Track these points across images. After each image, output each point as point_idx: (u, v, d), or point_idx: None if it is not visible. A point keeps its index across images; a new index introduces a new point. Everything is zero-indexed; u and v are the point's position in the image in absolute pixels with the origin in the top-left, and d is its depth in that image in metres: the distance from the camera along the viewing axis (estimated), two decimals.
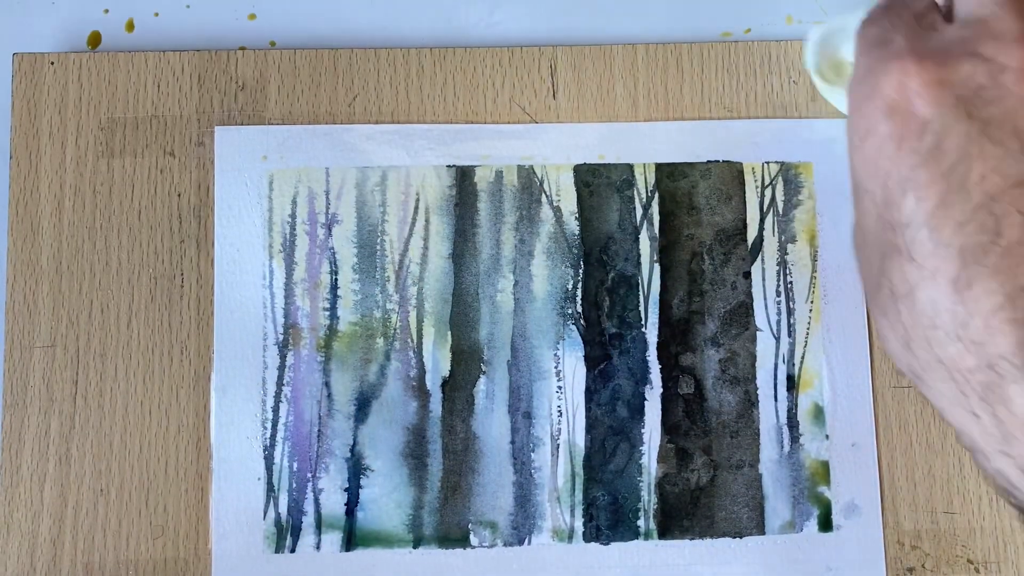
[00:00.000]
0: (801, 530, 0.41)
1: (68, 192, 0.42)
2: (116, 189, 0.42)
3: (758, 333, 0.42)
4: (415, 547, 0.41)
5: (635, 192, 0.43)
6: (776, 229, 0.43)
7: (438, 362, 0.42)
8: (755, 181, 0.43)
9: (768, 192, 0.43)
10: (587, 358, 0.42)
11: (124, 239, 0.42)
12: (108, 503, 0.40)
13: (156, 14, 0.46)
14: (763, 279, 0.43)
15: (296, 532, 0.40)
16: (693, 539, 0.41)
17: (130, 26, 0.45)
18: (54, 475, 0.40)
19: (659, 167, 0.43)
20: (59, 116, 0.43)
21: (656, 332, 0.42)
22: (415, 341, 0.42)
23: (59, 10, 0.46)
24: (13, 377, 0.41)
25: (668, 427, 0.42)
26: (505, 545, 0.41)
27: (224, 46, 0.45)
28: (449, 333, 0.42)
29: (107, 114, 0.43)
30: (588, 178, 0.43)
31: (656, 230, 0.43)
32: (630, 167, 0.43)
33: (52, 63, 0.43)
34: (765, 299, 0.43)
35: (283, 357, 0.42)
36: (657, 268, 0.43)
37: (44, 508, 0.40)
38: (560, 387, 0.42)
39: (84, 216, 0.42)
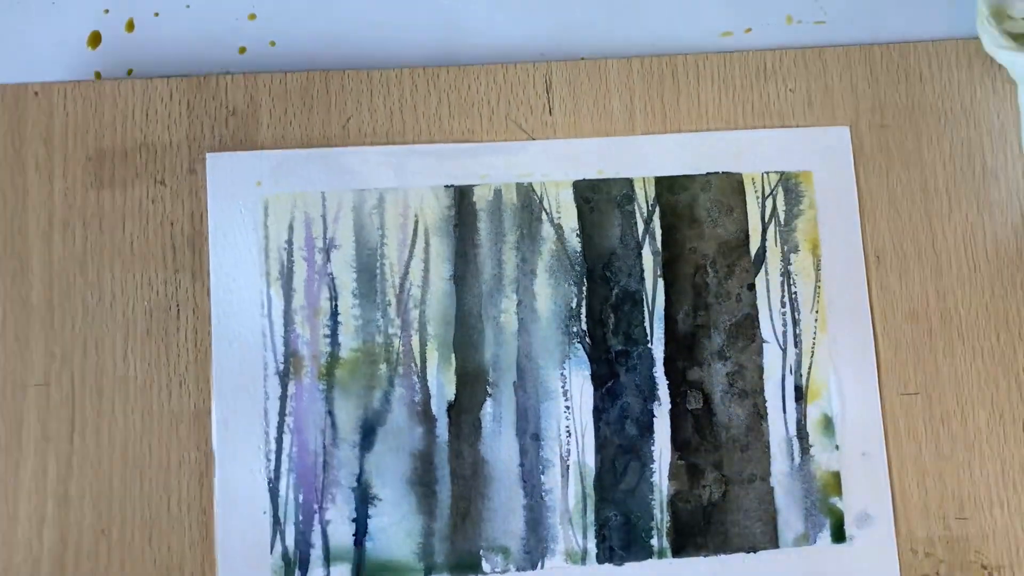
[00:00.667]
0: (815, 542, 0.41)
1: (57, 225, 0.41)
2: (107, 221, 0.41)
3: (764, 345, 0.42)
4: None
5: (636, 206, 0.43)
6: (778, 239, 0.43)
7: (443, 386, 0.41)
8: (755, 192, 0.43)
9: (769, 202, 0.43)
10: (594, 376, 0.42)
11: (117, 272, 0.41)
12: (110, 544, 0.39)
13: (156, 14, 0.45)
14: (767, 290, 0.43)
15: (304, 565, 0.40)
16: (707, 555, 0.41)
17: (130, 26, 0.45)
18: (53, 517, 0.39)
19: (659, 180, 0.43)
20: (44, 148, 0.42)
21: (662, 347, 0.42)
22: (419, 366, 0.41)
23: (59, 10, 0.45)
24: (7, 418, 0.40)
25: (678, 443, 0.41)
26: (518, 570, 0.40)
27: (224, 46, 0.45)
28: (453, 356, 0.41)
29: (94, 144, 0.42)
30: (588, 194, 0.43)
31: (658, 244, 0.43)
32: (630, 181, 0.43)
33: (36, 93, 0.42)
34: (770, 310, 0.42)
35: (284, 387, 0.41)
36: (661, 283, 0.42)
37: (44, 552, 0.39)
38: (568, 407, 0.41)
39: (74, 250, 0.41)
